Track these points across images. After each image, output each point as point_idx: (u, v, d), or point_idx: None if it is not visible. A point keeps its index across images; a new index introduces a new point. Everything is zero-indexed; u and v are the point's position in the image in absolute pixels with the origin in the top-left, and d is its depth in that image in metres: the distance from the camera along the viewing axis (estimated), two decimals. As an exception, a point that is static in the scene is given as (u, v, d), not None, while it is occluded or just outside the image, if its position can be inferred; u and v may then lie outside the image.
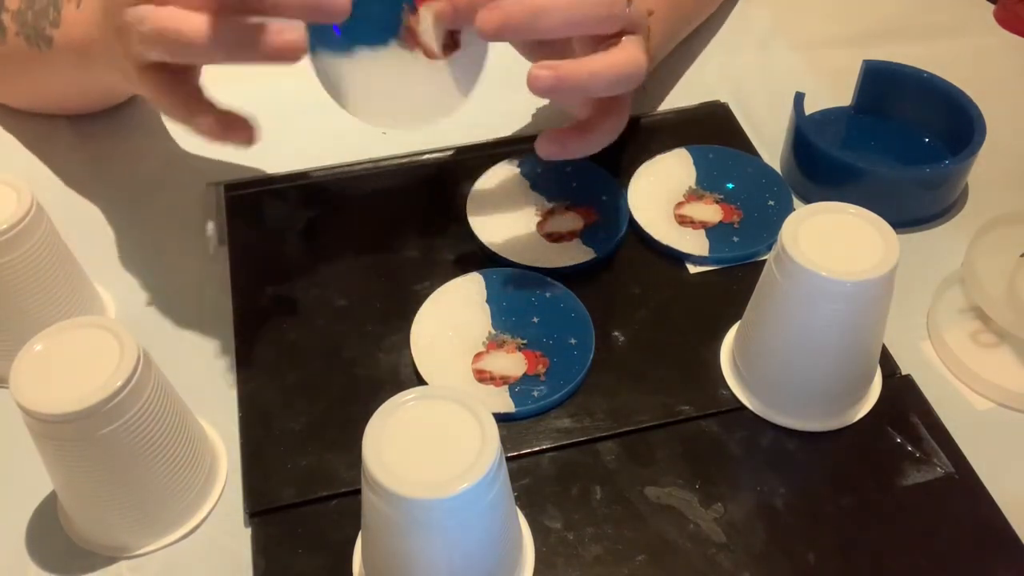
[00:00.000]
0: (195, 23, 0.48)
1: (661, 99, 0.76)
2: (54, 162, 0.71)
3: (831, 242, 0.50)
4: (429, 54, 0.53)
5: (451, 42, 0.54)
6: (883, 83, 0.70)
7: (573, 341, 0.57)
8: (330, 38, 0.52)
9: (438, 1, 0.52)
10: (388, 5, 0.52)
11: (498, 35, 0.51)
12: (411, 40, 0.52)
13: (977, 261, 0.59)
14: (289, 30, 0.49)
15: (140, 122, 0.73)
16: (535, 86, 0.51)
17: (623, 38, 0.53)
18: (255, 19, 0.49)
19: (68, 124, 0.73)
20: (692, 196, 0.66)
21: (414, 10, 0.52)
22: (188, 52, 0.50)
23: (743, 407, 0.56)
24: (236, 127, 0.54)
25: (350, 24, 0.49)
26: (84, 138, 0.72)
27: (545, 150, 0.56)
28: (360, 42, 0.52)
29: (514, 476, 0.51)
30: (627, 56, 0.53)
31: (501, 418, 0.53)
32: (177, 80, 0.53)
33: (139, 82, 0.53)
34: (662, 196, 0.66)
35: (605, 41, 0.53)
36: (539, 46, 0.58)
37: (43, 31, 0.63)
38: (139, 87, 0.54)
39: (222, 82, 0.76)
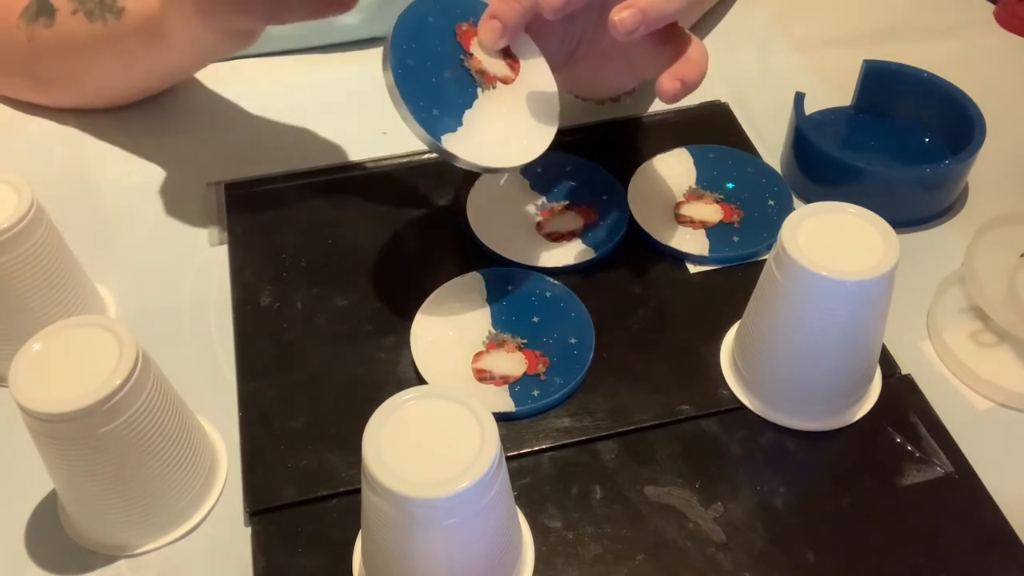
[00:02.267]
0: None
1: (661, 99, 0.76)
2: (54, 161, 0.71)
3: (831, 242, 0.50)
4: (506, 80, 0.56)
5: (512, 62, 0.58)
6: (883, 83, 0.70)
7: (573, 341, 0.57)
8: (439, 122, 0.54)
9: (476, 32, 0.56)
10: (454, 67, 0.55)
11: (635, 28, 0.51)
12: (487, 79, 0.56)
13: (977, 261, 0.59)
14: None
15: (140, 122, 0.73)
16: (623, 26, 0.51)
17: None
18: None
19: (69, 123, 0.73)
20: (692, 196, 0.66)
21: (470, 55, 0.56)
22: None
23: (743, 407, 0.56)
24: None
25: (445, 101, 0.54)
26: (84, 137, 0.72)
27: (671, 91, 0.54)
28: (461, 109, 0.55)
29: (514, 475, 0.51)
30: None
31: (501, 417, 0.54)
32: None
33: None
34: (662, 196, 0.66)
35: None
36: (574, 50, 0.60)
37: (111, 4, 0.63)
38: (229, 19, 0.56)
39: (222, 82, 0.77)
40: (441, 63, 0.55)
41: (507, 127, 0.56)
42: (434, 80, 0.54)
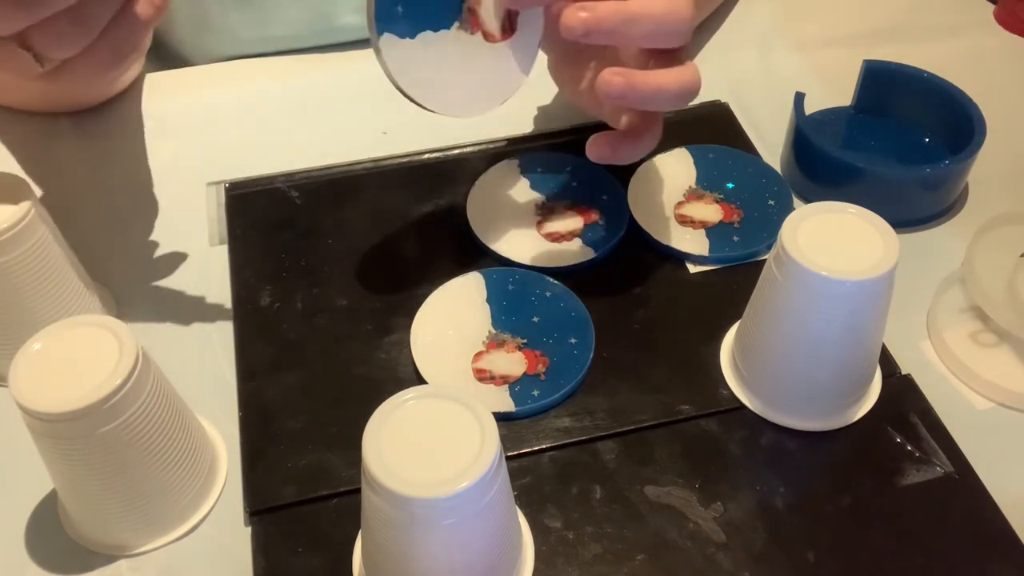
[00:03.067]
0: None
1: (661, 99, 0.76)
2: (54, 161, 0.71)
3: (831, 242, 0.50)
4: (489, 37, 0.54)
5: (508, 25, 0.55)
6: (883, 83, 0.70)
7: (573, 340, 0.57)
8: (395, 19, 0.52)
9: None
10: None
11: (584, 36, 0.51)
12: (473, 23, 0.54)
13: (977, 261, 0.59)
14: None
15: (140, 122, 0.73)
16: (606, 91, 0.52)
17: (684, 53, 0.55)
18: None
19: (68, 123, 0.73)
20: (692, 196, 0.66)
21: None
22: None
23: (743, 406, 0.56)
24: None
25: (414, 7, 0.51)
26: (84, 137, 0.72)
27: (596, 153, 0.56)
28: (424, 26, 0.53)
29: (514, 475, 0.51)
30: (691, 74, 0.54)
31: (501, 417, 0.54)
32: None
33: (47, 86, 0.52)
34: (662, 196, 0.66)
35: (660, 54, 0.54)
36: (582, 49, 0.58)
37: None
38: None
39: (222, 82, 0.77)
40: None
41: (454, 71, 0.55)
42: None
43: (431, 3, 0.53)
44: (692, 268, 0.63)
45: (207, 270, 0.63)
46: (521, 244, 0.63)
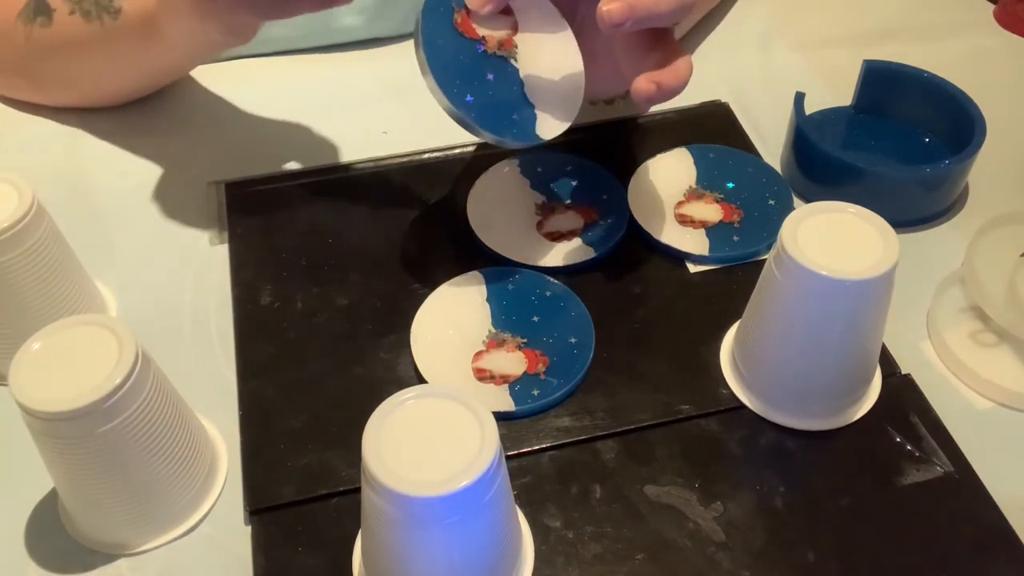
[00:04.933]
0: None
1: (661, 99, 0.76)
2: (55, 160, 0.71)
3: (831, 241, 0.50)
4: (509, 40, 0.57)
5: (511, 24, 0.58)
6: (883, 83, 0.70)
7: (573, 340, 0.57)
8: (528, 131, 0.57)
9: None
10: (482, 61, 0.56)
11: (623, 23, 0.51)
12: (507, 46, 0.57)
13: (977, 261, 0.59)
14: None
15: (140, 122, 0.73)
16: (610, 18, 0.51)
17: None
18: None
19: (70, 124, 0.73)
20: (692, 195, 0.66)
21: (483, 40, 0.56)
22: None
23: (743, 406, 0.56)
24: None
25: (506, 108, 0.56)
26: (85, 136, 0.72)
27: (644, 94, 0.54)
28: (523, 100, 0.57)
29: (514, 475, 0.51)
30: None
31: (501, 417, 0.54)
32: None
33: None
34: (662, 195, 0.66)
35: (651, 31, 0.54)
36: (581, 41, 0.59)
37: (108, 5, 0.63)
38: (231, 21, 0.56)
39: (222, 82, 0.77)
40: (476, 68, 0.56)
41: (553, 78, 0.58)
42: (488, 89, 0.56)
43: (502, 85, 0.56)
44: (692, 268, 0.63)
45: (207, 270, 0.63)
46: (521, 244, 0.63)
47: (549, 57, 0.58)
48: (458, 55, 0.55)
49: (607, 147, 0.70)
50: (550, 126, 0.57)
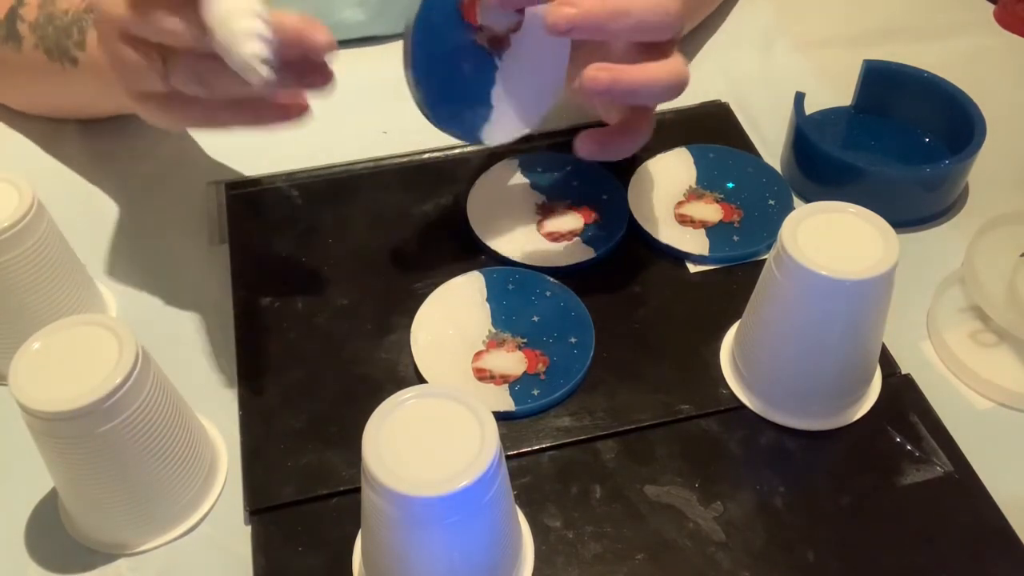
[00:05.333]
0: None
1: (661, 99, 0.76)
2: (55, 160, 0.71)
3: (831, 241, 0.50)
4: (515, 29, 0.56)
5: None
6: (883, 83, 0.70)
7: (573, 340, 0.57)
8: (474, 128, 0.57)
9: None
10: (469, 51, 0.56)
11: (568, 31, 0.51)
12: (502, 44, 0.56)
13: (977, 261, 0.59)
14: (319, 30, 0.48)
15: (140, 122, 0.73)
16: (591, 86, 0.51)
17: (672, 47, 0.54)
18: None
19: (70, 123, 0.73)
20: (692, 195, 0.66)
21: (478, 29, 0.55)
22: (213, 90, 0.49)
23: (743, 406, 0.56)
24: (272, 106, 0.52)
25: (467, 98, 0.56)
26: (85, 136, 0.72)
27: (586, 150, 0.56)
28: (487, 93, 0.56)
29: (514, 475, 0.51)
30: (677, 67, 0.54)
31: (501, 417, 0.54)
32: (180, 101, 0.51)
33: (139, 110, 0.52)
34: (662, 195, 0.66)
35: (649, 48, 0.54)
36: (578, 46, 0.58)
37: (67, 51, 0.62)
38: (144, 115, 0.53)
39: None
40: (457, 54, 0.55)
41: (528, 89, 0.58)
42: (456, 77, 0.55)
43: (475, 77, 0.56)
44: (692, 268, 0.63)
45: (207, 270, 0.63)
46: (521, 244, 0.63)
47: (533, 65, 0.58)
48: (446, 33, 0.55)
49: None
50: (501, 132, 0.57)
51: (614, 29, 0.51)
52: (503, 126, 0.58)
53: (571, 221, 0.64)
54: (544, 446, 0.54)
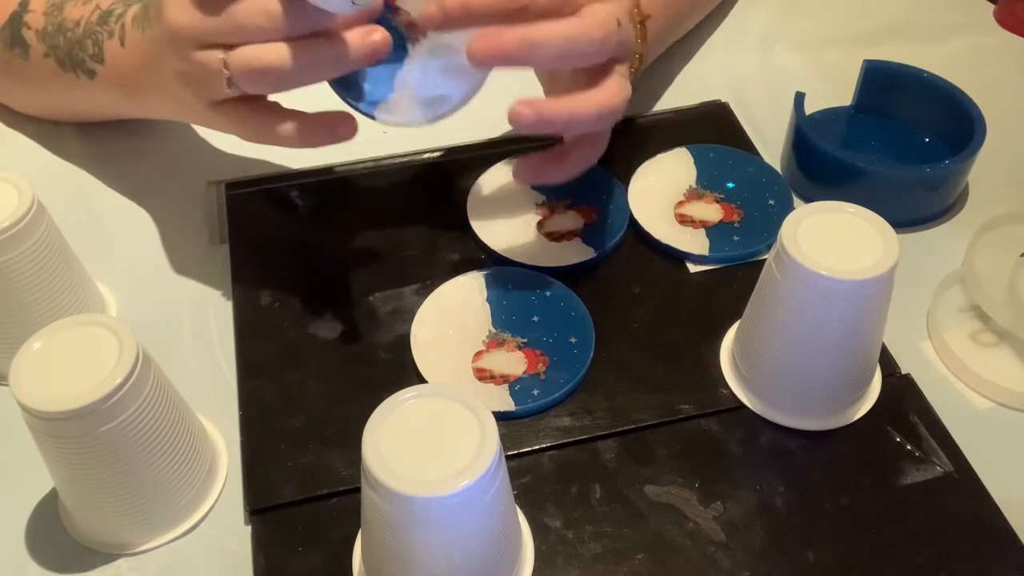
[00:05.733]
0: (282, 54, 0.48)
1: (661, 99, 0.76)
2: (55, 160, 0.71)
3: (831, 241, 0.50)
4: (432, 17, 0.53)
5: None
6: (883, 83, 0.70)
7: (573, 340, 0.57)
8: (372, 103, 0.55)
9: None
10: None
11: (488, 63, 0.51)
12: (417, 30, 0.53)
13: (977, 261, 0.59)
14: (373, 30, 0.49)
15: (141, 121, 0.73)
16: (515, 123, 0.51)
17: (612, 69, 0.54)
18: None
19: (71, 124, 0.73)
20: (692, 195, 0.66)
21: (396, 11, 0.53)
22: (280, 82, 0.49)
23: (743, 406, 0.56)
24: (328, 124, 0.53)
25: (376, 77, 0.53)
26: (85, 136, 0.72)
27: (522, 176, 0.57)
28: (390, 76, 0.54)
29: (514, 474, 0.51)
30: (610, 93, 0.53)
31: (501, 416, 0.54)
32: (255, 106, 0.52)
33: (213, 118, 0.53)
34: (662, 195, 0.66)
35: (592, 72, 0.53)
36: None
37: (82, 63, 0.61)
38: (213, 123, 0.54)
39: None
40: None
41: (433, 87, 0.55)
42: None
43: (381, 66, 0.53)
44: (692, 268, 0.63)
45: (207, 270, 0.63)
46: (521, 243, 0.63)
47: (445, 66, 0.55)
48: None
49: (607, 147, 0.70)
50: (394, 116, 0.55)
51: (533, 60, 0.51)
52: (399, 112, 0.55)
53: (571, 221, 0.64)
54: (544, 446, 0.54)
